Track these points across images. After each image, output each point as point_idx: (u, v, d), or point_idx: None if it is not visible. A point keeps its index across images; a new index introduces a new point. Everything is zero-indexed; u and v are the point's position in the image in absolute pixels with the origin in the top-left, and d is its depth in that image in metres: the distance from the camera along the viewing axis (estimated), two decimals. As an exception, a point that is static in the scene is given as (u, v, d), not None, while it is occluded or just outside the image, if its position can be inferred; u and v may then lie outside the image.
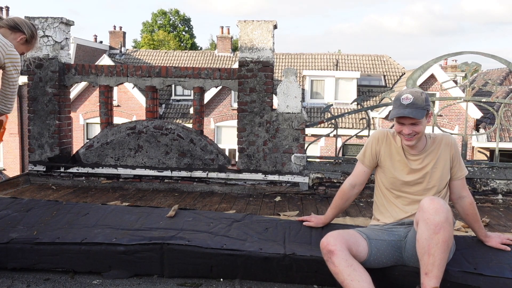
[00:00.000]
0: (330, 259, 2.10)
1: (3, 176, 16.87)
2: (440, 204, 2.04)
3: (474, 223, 2.47)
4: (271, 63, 4.39)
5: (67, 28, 4.69)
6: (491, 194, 4.28)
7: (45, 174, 4.63)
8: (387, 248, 2.27)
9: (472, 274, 2.25)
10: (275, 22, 4.37)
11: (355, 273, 2.04)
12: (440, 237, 1.99)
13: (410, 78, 4.61)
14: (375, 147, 2.48)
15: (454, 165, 2.38)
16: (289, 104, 4.40)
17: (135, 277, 2.52)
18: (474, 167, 4.37)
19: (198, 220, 2.86)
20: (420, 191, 2.35)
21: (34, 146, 4.63)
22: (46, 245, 2.55)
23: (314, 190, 4.42)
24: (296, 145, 4.42)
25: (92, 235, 2.62)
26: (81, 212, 2.97)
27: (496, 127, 4.47)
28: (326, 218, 2.72)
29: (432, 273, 2.00)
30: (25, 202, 3.15)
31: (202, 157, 4.53)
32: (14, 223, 2.80)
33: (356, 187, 2.57)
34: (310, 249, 2.48)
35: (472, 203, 2.43)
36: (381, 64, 20.78)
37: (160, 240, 2.55)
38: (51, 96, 4.56)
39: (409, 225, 2.32)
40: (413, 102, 2.21)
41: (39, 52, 4.54)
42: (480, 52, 4.41)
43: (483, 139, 15.56)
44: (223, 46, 23.23)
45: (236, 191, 4.48)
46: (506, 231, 3.27)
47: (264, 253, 2.45)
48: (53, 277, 2.50)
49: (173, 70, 4.58)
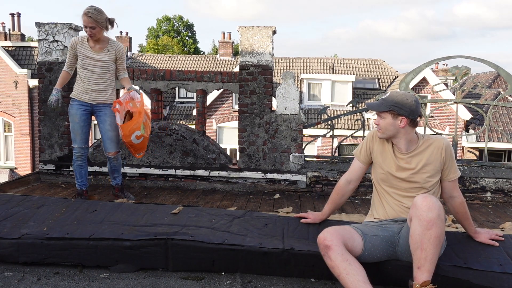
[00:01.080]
0: (326, 254, 2.10)
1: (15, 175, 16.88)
2: (432, 201, 2.04)
3: (464, 220, 2.47)
4: (271, 67, 4.39)
5: (76, 33, 4.68)
6: (480, 192, 4.28)
7: (54, 172, 4.62)
8: (381, 243, 2.27)
9: (462, 268, 2.25)
10: (274, 27, 4.36)
11: (351, 267, 2.04)
12: (432, 233, 1.99)
13: (403, 81, 4.61)
14: (369, 144, 2.51)
15: (445, 167, 2.37)
16: (287, 106, 4.40)
17: (141, 271, 2.52)
18: (464, 166, 4.37)
19: (201, 217, 2.86)
20: (408, 189, 2.36)
21: (44, 146, 4.63)
22: (56, 241, 2.55)
23: (311, 188, 4.42)
24: (294, 145, 4.42)
25: (99, 231, 2.62)
26: (89, 209, 2.96)
27: (485, 127, 4.47)
28: (323, 214, 2.72)
29: (424, 267, 2.00)
30: (35, 199, 3.14)
31: (205, 156, 4.53)
32: (25, 220, 2.79)
33: (352, 182, 2.58)
34: (307, 244, 2.47)
35: (463, 202, 2.42)
36: (375, 67, 20.77)
37: (164, 235, 2.54)
38: (60, 98, 4.54)
39: (402, 222, 2.33)
40: (384, 98, 2.33)
41: (49, 56, 4.53)
42: (470, 56, 4.41)
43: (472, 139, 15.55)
44: (224, 50, 23.21)
45: (237, 189, 4.48)
46: (494, 227, 3.27)
47: (264, 248, 2.45)
48: (62, 271, 2.50)
49: (177, 73, 4.58)
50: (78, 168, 3.74)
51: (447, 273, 2.24)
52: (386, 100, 2.32)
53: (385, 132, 2.36)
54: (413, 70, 4.63)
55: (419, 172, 2.33)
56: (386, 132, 2.35)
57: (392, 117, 2.30)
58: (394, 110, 2.29)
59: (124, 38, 24.70)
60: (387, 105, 2.31)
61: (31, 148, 17.47)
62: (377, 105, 2.34)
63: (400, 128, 2.31)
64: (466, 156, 15.66)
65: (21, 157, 17.58)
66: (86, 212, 2.91)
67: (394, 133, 2.34)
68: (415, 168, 2.33)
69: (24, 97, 17.22)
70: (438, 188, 2.40)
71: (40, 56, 4.56)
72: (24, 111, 17.26)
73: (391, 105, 2.29)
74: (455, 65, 4.48)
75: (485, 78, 18.71)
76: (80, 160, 3.72)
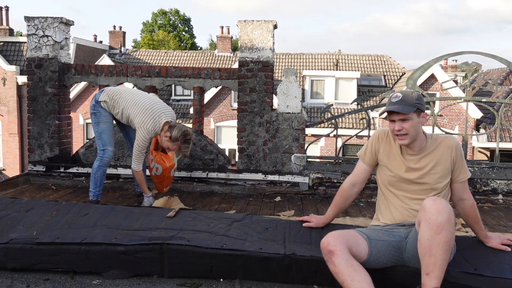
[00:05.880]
0: (330, 259, 2.10)
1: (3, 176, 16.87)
2: (442, 204, 2.04)
3: (474, 224, 2.47)
4: (271, 63, 4.39)
5: (67, 28, 4.68)
6: (492, 194, 4.28)
7: (44, 174, 4.62)
8: (387, 248, 2.27)
9: (472, 274, 2.25)
10: (275, 22, 4.36)
11: (355, 273, 2.04)
12: (442, 237, 1.99)
13: (410, 78, 4.61)
14: (375, 145, 2.49)
15: (456, 168, 2.37)
16: (289, 104, 4.40)
17: (135, 277, 2.52)
18: (474, 167, 4.37)
19: (198, 220, 2.86)
20: (417, 191, 2.35)
21: (34, 146, 4.63)
22: (46, 245, 2.54)
23: (314, 190, 4.42)
24: (296, 145, 4.42)
25: (92, 235, 2.62)
26: (81, 212, 2.96)
27: (496, 127, 4.47)
28: (326, 218, 2.71)
29: (433, 273, 2.00)
30: (24, 202, 3.14)
31: (202, 157, 4.53)
32: (13, 223, 2.79)
33: (356, 185, 2.58)
34: (310, 249, 2.47)
35: (473, 205, 2.42)
36: (381, 64, 20.78)
37: (160, 240, 2.54)
38: (50, 96, 4.55)
39: (409, 226, 2.32)
40: (402, 99, 2.25)
41: (39, 52, 4.53)
42: (480, 52, 4.41)
43: (483, 139, 15.56)
44: (223, 46, 23.22)
45: (236, 191, 4.48)
46: (506, 231, 3.27)
47: (264, 253, 2.45)
48: (53, 277, 2.50)
49: (173, 70, 4.58)
50: (101, 176, 3.74)
51: (456, 279, 2.24)
52: (405, 101, 2.23)
53: (411, 136, 2.28)
54: (421, 66, 4.63)
55: (430, 173, 2.32)
56: (412, 135, 2.28)
57: (417, 116, 2.27)
58: (418, 108, 2.26)
59: (118, 33, 24.71)
60: (411, 104, 2.23)
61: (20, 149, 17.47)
62: (403, 107, 2.23)
63: (421, 125, 2.30)
64: (476, 157, 15.66)
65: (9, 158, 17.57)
66: (78, 215, 2.91)
67: (418, 134, 2.32)
68: (425, 169, 2.33)
69: (12, 95, 17.21)
70: (448, 190, 2.40)
71: (30, 51, 4.56)
72: (13, 109, 17.26)
73: (415, 103, 2.24)
74: (465, 61, 4.48)
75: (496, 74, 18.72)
76: (107, 166, 3.76)
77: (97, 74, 4.64)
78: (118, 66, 4.64)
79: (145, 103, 3.58)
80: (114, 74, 4.62)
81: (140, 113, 3.54)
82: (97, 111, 3.71)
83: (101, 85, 4.63)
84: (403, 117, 2.24)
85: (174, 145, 3.52)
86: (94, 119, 3.72)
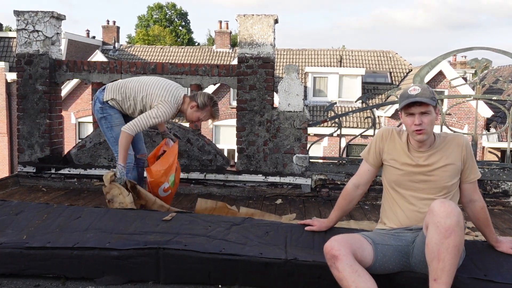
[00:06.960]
0: (334, 265, 2.10)
1: (-9, 178, 16.84)
2: (451, 207, 2.03)
3: (485, 228, 2.47)
4: (272, 59, 4.39)
5: (58, 22, 4.69)
6: (502, 197, 4.28)
7: (35, 175, 4.63)
8: (393, 253, 2.27)
9: (482, 281, 2.25)
10: (276, 16, 4.37)
11: (360, 279, 2.04)
12: (451, 241, 1.99)
13: (418, 75, 4.61)
14: (379, 144, 2.48)
15: (466, 167, 2.37)
16: (290, 102, 4.40)
17: (130, 283, 2.52)
18: (484, 168, 4.37)
19: (196, 224, 2.86)
20: (426, 189, 2.34)
21: (24, 146, 4.63)
22: (36, 250, 2.54)
23: (316, 192, 4.42)
24: (298, 145, 4.42)
25: (84, 240, 2.62)
26: (73, 215, 2.96)
27: (508, 126, 4.47)
28: (329, 221, 2.71)
29: (441, 279, 2.00)
30: (14, 205, 3.14)
31: (200, 157, 4.53)
32: (2, 227, 2.79)
33: (360, 187, 2.57)
34: (312, 254, 2.47)
35: (484, 207, 2.42)
36: (387, 60, 20.79)
37: (155, 244, 2.54)
38: (41, 93, 4.55)
39: (416, 230, 2.32)
40: (422, 92, 2.23)
41: (29, 48, 4.54)
42: (491, 48, 4.42)
43: (493, 138, 15.56)
44: (221, 41, 23.23)
45: (235, 193, 4.48)
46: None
47: (265, 258, 2.45)
48: (44, 283, 2.50)
49: (169, 66, 4.58)
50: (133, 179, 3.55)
51: (466, 286, 2.24)
52: (425, 94, 2.22)
53: (428, 131, 2.27)
54: (428, 63, 4.63)
55: (439, 170, 2.32)
56: (429, 130, 2.27)
57: (435, 110, 2.27)
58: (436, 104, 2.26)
59: (112, 28, 24.71)
60: (432, 97, 2.23)
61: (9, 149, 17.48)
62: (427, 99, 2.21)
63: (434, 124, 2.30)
64: (486, 157, 15.68)
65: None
66: (70, 218, 2.91)
67: (432, 130, 2.31)
68: (434, 165, 2.32)
69: (1, 93, 17.23)
70: (457, 192, 2.40)
71: (19, 47, 4.57)
72: (1, 107, 17.27)
73: (433, 97, 2.24)
74: (475, 58, 4.48)
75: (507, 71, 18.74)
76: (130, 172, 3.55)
77: (90, 71, 4.64)
78: (111, 63, 4.64)
79: (155, 82, 3.43)
80: (107, 71, 4.62)
81: (156, 90, 3.35)
82: (107, 114, 3.48)
83: (94, 82, 4.63)
84: (425, 109, 2.22)
85: (204, 112, 3.40)
86: (105, 124, 3.49)
